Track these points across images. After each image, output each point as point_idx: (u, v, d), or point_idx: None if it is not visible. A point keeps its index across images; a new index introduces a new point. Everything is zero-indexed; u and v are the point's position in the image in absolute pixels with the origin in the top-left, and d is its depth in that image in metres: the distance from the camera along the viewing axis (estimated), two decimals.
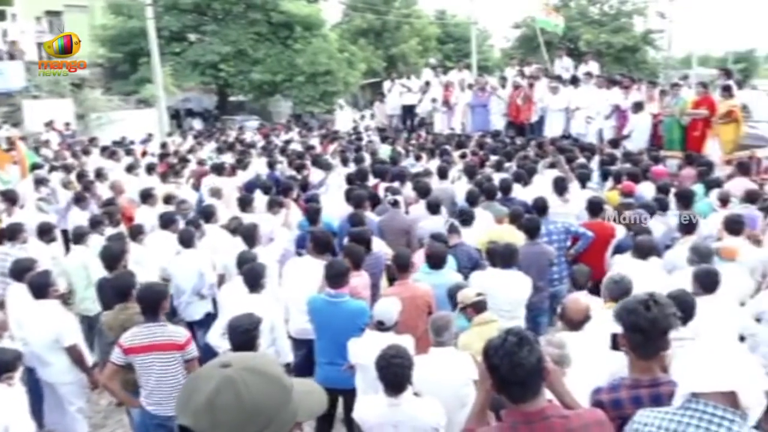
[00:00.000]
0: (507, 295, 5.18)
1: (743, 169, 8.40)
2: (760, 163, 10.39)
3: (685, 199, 6.73)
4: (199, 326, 6.05)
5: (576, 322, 4.02)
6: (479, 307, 4.33)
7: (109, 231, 6.99)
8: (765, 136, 11.20)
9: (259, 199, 8.08)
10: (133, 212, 8.33)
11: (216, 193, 8.58)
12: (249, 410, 1.32)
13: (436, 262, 5.27)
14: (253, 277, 4.91)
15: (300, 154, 11.94)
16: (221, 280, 6.23)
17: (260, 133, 18.50)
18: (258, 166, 10.87)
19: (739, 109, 10.73)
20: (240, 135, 17.63)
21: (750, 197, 6.93)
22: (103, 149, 13.71)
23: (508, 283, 5.22)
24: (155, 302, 4.19)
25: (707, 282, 4.44)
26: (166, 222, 6.89)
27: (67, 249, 7.17)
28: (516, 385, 2.23)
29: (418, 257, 5.57)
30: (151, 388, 4.16)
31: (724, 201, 6.92)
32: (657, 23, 33.12)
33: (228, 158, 12.24)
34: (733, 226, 5.81)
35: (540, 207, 6.63)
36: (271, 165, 10.56)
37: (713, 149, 10.47)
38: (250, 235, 6.06)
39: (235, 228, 6.63)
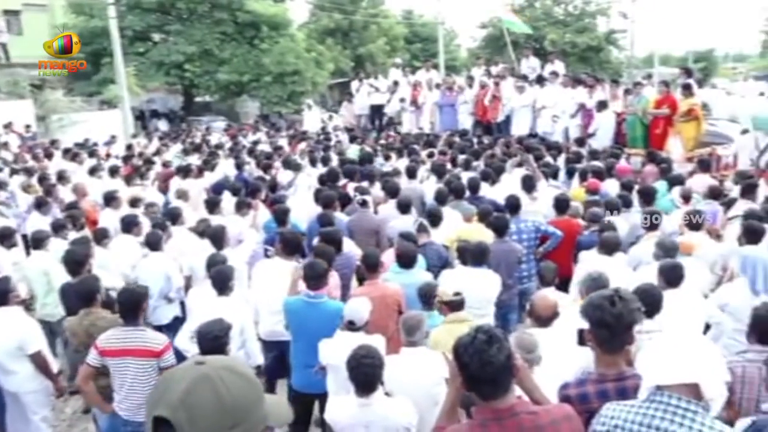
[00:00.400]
0: (477, 292, 5.22)
1: (703, 166, 8.61)
2: (720, 160, 10.68)
3: (647, 197, 6.88)
4: (167, 330, 5.93)
5: (544, 319, 4.08)
6: (454, 305, 4.34)
7: (73, 235, 6.85)
8: (725, 133, 11.51)
9: (228, 200, 8.01)
10: (96, 216, 8.17)
11: (183, 195, 8.47)
12: (225, 405, 1.32)
13: (406, 261, 5.28)
14: (222, 279, 4.85)
15: (268, 155, 11.85)
16: (188, 283, 6.16)
17: (227, 134, 18.32)
18: (225, 168, 10.76)
19: (699, 107, 11.01)
20: (206, 136, 17.43)
21: (713, 193, 7.10)
22: (66, 151, 13.41)
23: (479, 281, 5.26)
24: (135, 305, 4.12)
25: (672, 276, 4.54)
26: (128, 225, 6.77)
27: (28, 254, 6.99)
28: (486, 383, 2.25)
29: (387, 257, 5.58)
30: (125, 393, 4.08)
31: (686, 198, 7.09)
32: (620, 23, 33.88)
33: (194, 160, 12.10)
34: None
35: (512, 205, 6.70)
36: (239, 166, 10.47)
37: (675, 146, 10.72)
38: (217, 237, 6.00)
39: (202, 230, 6.55)
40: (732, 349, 4.44)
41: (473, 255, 5.37)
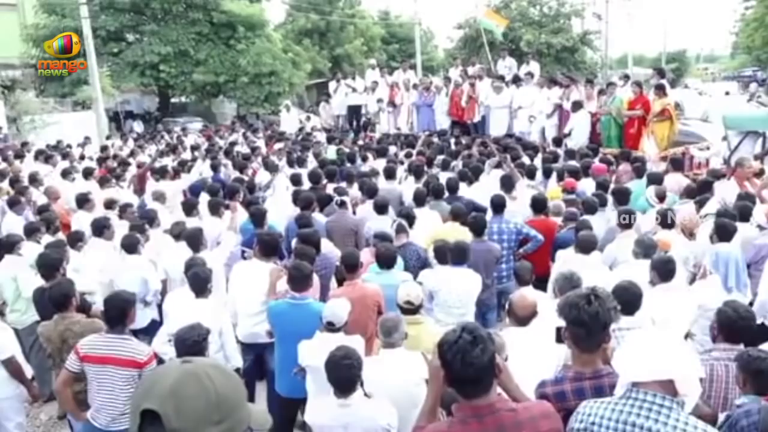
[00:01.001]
0: (457, 291, 5.26)
1: (676, 165, 8.74)
2: (693, 159, 10.86)
3: (621, 196, 6.96)
4: (144, 334, 5.88)
5: (523, 318, 4.11)
6: (404, 311, 4.34)
7: (47, 238, 6.73)
8: (697, 133, 11.69)
9: (205, 202, 7.95)
10: (69, 219, 8.05)
11: (159, 197, 8.37)
12: (212, 400, 1.34)
13: (386, 262, 5.29)
14: (200, 282, 4.82)
15: (246, 156, 11.78)
16: (165, 286, 6.10)
17: (203, 135, 18.16)
18: (202, 169, 10.67)
19: (672, 107, 11.15)
20: (182, 137, 17.27)
21: (688, 192, 7.20)
22: (38, 153, 13.18)
23: (459, 280, 5.29)
24: (121, 311, 4.04)
25: (664, 270, 4.64)
26: (99, 229, 6.64)
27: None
28: (467, 382, 2.27)
29: (364, 256, 5.58)
30: (102, 402, 4.00)
31: (661, 197, 7.19)
32: (594, 24, 34.31)
33: (170, 161, 11.98)
34: (666, 220, 6.05)
35: (497, 204, 6.75)
36: (215, 167, 10.40)
37: (649, 146, 10.86)
38: (194, 239, 5.95)
39: (179, 233, 6.49)
40: (707, 346, 4.54)
41: (453, 254, 5.40)
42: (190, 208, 7.53)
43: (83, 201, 7.99)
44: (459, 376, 2.26)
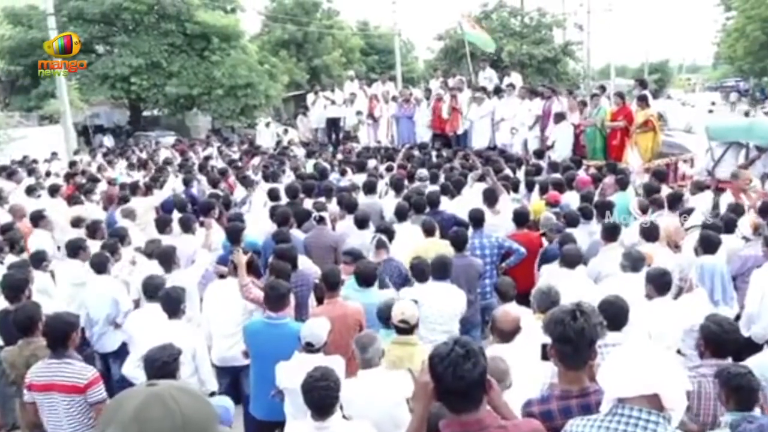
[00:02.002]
0: (439, 307, 5.26)
1: (659, 176, 8.86)
2: (677, 171, 11.03)
3: (604, 209, 7.04)
4: (115, 358, 5.81)
5: (507, 334, 4.13)
6: (400, 330, 4.32)
7: (11, 259, 6.61)
8: (681, 144, 11.89)
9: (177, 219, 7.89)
10: None
11: (129, 214, 8.29)
12: (179, 422, 1.32)
13: (365, 279, 5.29)
14: (173, 302, 4.77)
15: (222, 171, 11.74)
16: (137, 307, 6.02)
17: (176, 150, 18.03)
18: (175, 185, 10.59)
19: (655, 118, 11.33)
20: (154, 151, 17.14)
21: (669, 204, 7.31)
22: (2, 169, 12.98)
23: (442, 296, 5.30)
24: (63, 335, 3.96)
25: (661, 284, 4.70)
26: (74, 250, 6.50)
27: None
28: (457, 396, 2.28)
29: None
30: (51, 430, 3.92)
31: (644, 209, 7.29)
32: (575, 35, 34.85)
33: (142, 177, 11.88)
34: (648, 233, 6.13)
35: (476, 219, 6.78)
36: (187, 182, 10.33)
37: (633, 157, 10.99)
38: (166, 258, 5.90)
39: (151, 251, 6.43)
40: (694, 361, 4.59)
41: (435, 269, 5.41)
42: (163, 225, 7.47)
43: (38, 218, 7.88)
44: (449, 390, 2.27)
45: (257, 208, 8.81)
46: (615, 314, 3.94)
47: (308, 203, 8.42)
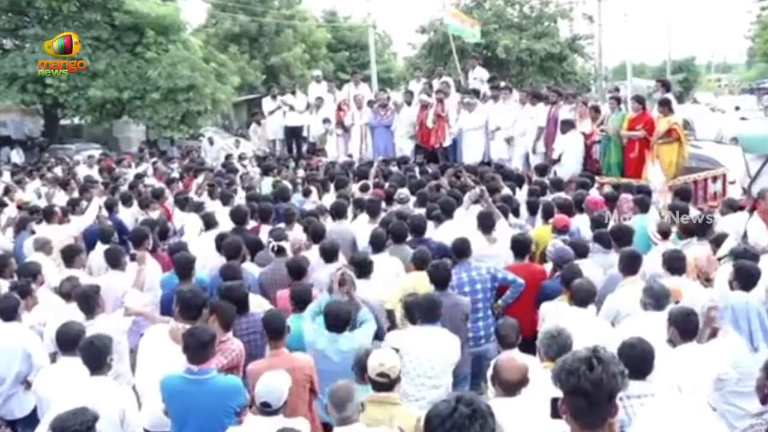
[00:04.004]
0: (431, 358, 5.25)
1: (684, 196, 8.97)
2: (707, 189, 11.18)
3: (622, 237, 7.08)
4: (25, 426, 5.70)
5: (512, 386, 4.12)
6: (378, 385, 4.31)
7: None
8: (711, 157, 12.07)
9: (100, 252, 7.84)
10: None
11: (43, 245, 8.18)
12: None
13: (337, 323, 5.28)
14: (96, 354, 4.70)
15: (157, 192, 11.66)
16: (54, 361, 5.90)
17: (103, 166, 17.90)
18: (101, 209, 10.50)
19: (680, 126, 11.48)
20: (73, 168, 17.00)
21: (688, 230, 7.37)
22: None
23: (432, 343, 5.30)
24: None
25: (686, 326, 4.73)
26: None
27: None
28: None
29: None
30: None
31: (665, 233, 7.37)
32: (585, 28, 35.38)
33: (60, 199, 11.74)
34: (673, 264, 6.19)
35: (459, 249, 6.80)
36: (110, 206, 10.25)
37: (655, 173, 11.09)
38: (88, 299, 5.81)
39: (69, 291, 6.33)
40: (729, 416, 4.63)
41: (422, 310, 5.41)
42: (71, 255, 7.43)
43: None
44: None
45: (191, 238, 8.76)
46: (638, 360, 3.96)
47: (264, 231, 8.39)
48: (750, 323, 5.07)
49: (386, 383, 4.26)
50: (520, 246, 7.18)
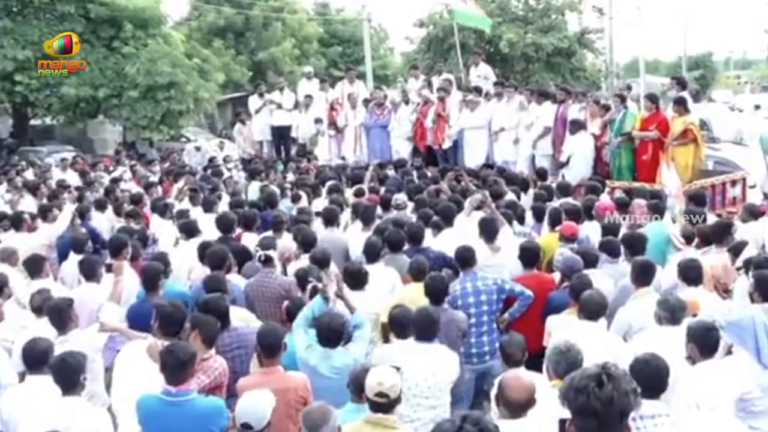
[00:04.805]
0: (428, 377, 5.25)
1: (698, 201, 8.99)
2: (725, 194, 11.20)
3: (635, 245, 7.12)
4: None
5: (519, 406, 4.13)
6: (377, 406, 4.30)
7: None
8: (730, 159, 12.10)
9: (74, 262, 7.84)
10: None
11: (9, 256, 8.16)
12: None
13: (330, 337, 5.29)
14: (68, 372, 4.70)
15: (136, 197, 11.66)
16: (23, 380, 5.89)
17: (75, 169, 17.88)
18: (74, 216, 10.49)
19: (696, 127, 11.50)
20: (45, 172, 16.98)
21: (702, 237, 7.39)
22: None
23: (429, 360, 5.30)
24: None
25: (707, 342, 4.72)
26: None
27: None
28: None
29: None
30: None
31: (689, 238, 7.38)
32: (594, 21, 35.45)
33: (28, 205, 11.74)
34: (689, 273, 6.21)
35: (464, 258, 6.80)
36: (83, 213, 10.23)
37: (669, 177, 11.11)
38: (60, 314, 5.80)
39: (39, 305, 6.32)
40: None
41: (419, 326, 5.41)
42: (35, 265, 7.43)
43: None
44: None
45: (166, 247, 8.76)
46: (652, 377, 3.97)
47: (248, 239, 8.38)
48: (757, 339, 5.07)
49: (385, 404, 4.25)
50: (529, 255, 7.19)
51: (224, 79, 30.49)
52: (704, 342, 4.74)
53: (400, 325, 5.53)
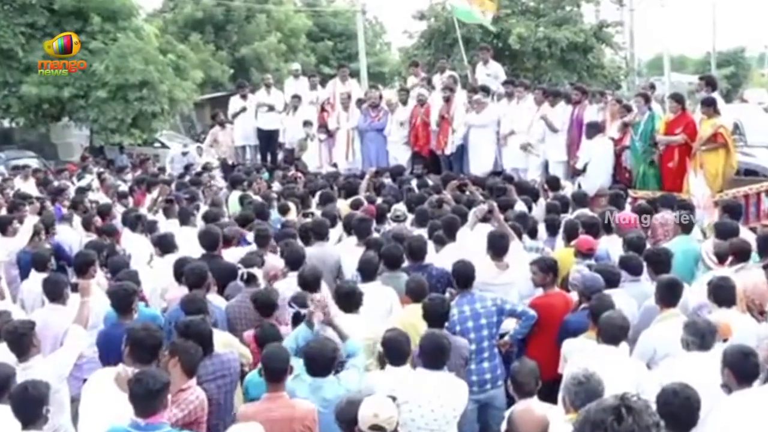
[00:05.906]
0: (434, 408, 5.25)
1: (732, 213, 9.00)
2: (759, 204, 11.20)
3: (659, 262, 7.13)
4: None
5: None
6: None
7: None
8: (765, 166, 12.10)
9: (36, 280, 7.82)
10: None
11: None
12: None
13: (317, 367, 5.29)
14: (29, 403, 4.70)
15: (104, 208, 11.65)
16: None
17: (36, 178, 17.88)
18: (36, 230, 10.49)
19: (727, 130, 11.50)
20: (4, 181, 16.98)
21: (737, 253, 7.38)
22: None
23: (435, 390, 5.30)
24: None
25: (745, 369, 4.71)
26: None
27: None
28: None
29: None
30: None
31: (722, 257, 7.38)
32: (613, 14, 35.53)
33: None
34: (721, 293, 6.20)
35: (463, 276, 6.82)
36: (48, 226, 10.23)
37: (698, 186, 11.10)
38: (19, 340, 5.79)
39: None
40: None
41: (426, 352, 5.41)
42: None
43: None
44: None
45: (139, 264, 8.73)
46: (680, 410, 3.97)
47: (228, 255, 8.40)
48: None
49: None
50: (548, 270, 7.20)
51: (202, 78, 30.46)
52: (742, 368, 4.72)
53: (394, 350, 5.53)
